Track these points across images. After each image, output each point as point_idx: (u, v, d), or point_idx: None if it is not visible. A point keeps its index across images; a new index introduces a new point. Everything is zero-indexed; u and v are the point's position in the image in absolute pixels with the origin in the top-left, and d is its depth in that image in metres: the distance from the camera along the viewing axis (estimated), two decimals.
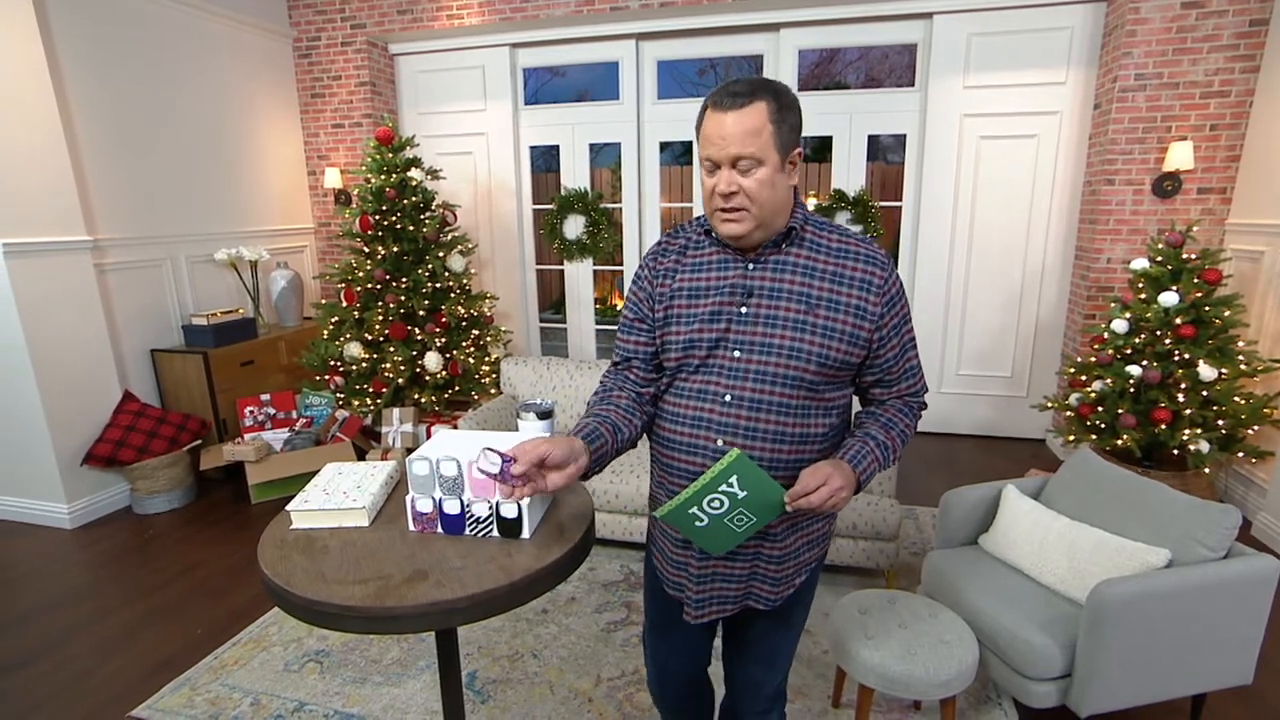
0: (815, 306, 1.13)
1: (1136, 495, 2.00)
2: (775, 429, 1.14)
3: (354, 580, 1.09)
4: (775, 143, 1.07)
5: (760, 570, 1.25)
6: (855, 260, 1.15)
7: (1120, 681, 1.74)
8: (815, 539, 1.28)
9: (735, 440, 1.15)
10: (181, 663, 2.31)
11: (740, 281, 1.16)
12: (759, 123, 1.05)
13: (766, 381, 1.13)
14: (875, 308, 1.14)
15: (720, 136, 1.07)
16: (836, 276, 1.14)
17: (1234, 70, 3.30)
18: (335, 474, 1.41)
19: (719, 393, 1.16)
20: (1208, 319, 2.94)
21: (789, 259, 1.16)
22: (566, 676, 2.22)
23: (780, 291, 1.14)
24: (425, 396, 3.85)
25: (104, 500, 3.43)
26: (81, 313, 3.32)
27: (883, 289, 1.14)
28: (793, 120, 1.09)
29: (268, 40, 4.56)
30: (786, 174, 1.11)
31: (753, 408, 1.14)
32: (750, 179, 1.08)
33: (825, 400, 1.16)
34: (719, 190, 1.10)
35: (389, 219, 3.78)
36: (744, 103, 1.05)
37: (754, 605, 1.28)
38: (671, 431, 1.22)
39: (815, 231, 1.18)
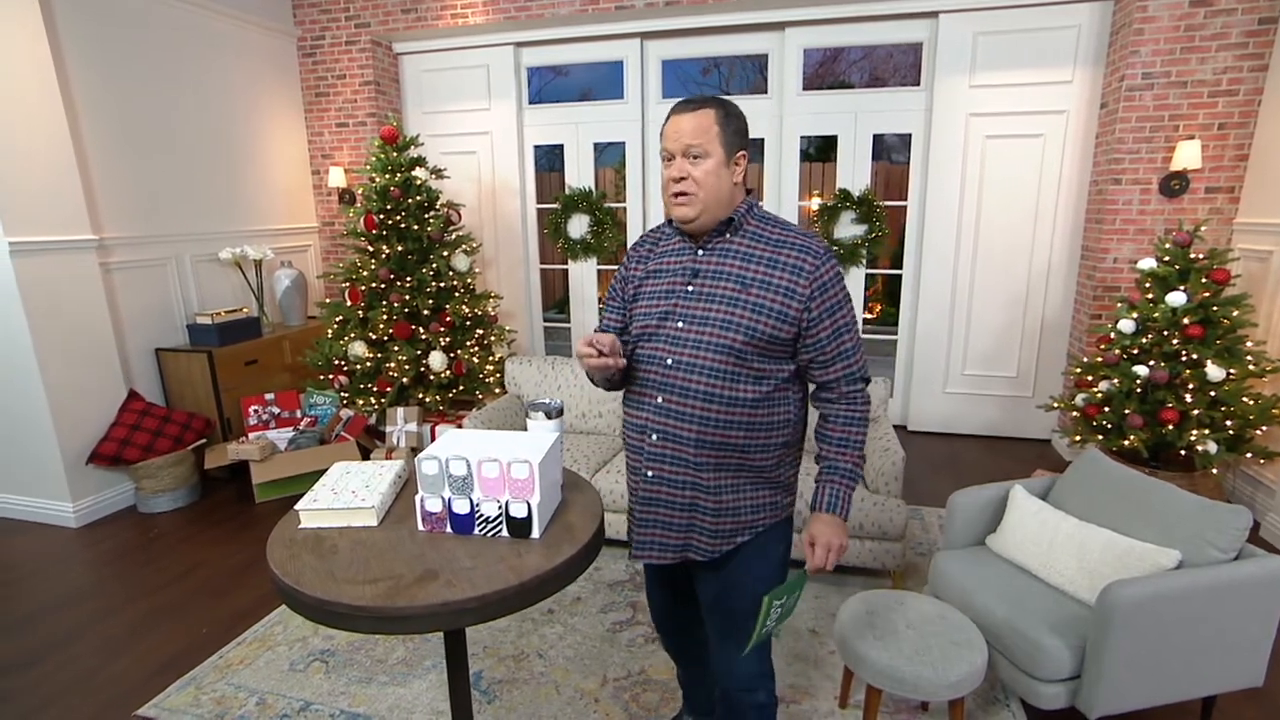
0: (749, 286, 1.31)
1: (1145, 496, 1.99)
2: (705, 389, 1.32)
3: (364, 580, 1.08)
4: (720, 141, 1.30)
5: (698, 522, 1.40)
6: (790, 249, 1.33)
7: (1130, 683, 1.73)
8: (761, 504, 1.42)
9: (672, 397, 1.35)
10: (187, 662, 2.31)
11: (690, 265, 1.38)
12: (707, 123, 1.29)
13: (701, 348, 1.32)
14: (804, 290, 1.30)
15: (676, 131, 1.31)
16: (771, 262, 1.32)
17: (1243, 69, 3.29)
18: (343, 473, 1.40)
19: (662, 357, 1.36)
20: (1216, 319, 2.92)
21: (732, 246, 1.36)
22: (572, 677, 2.21)
23: (721, 273, 1.34)
24: (429, 396, 3.85)
25: (109, 499, 3.43)
26: (87, 312, 3.32)
27: (813, 274, 1.31)
28: (736, 126, 1.33)
29: (272, 39, 4.56)
30: (730, 171, 1.33)
31: (688, 370, 1.33)
32: (698, 168, 1.29)
33: (754, 369, 1.32)
34: (672, 175, 1.32)
35: (393, 218, 3.78)
36: (697, 107, 1.30)
37: (693, 556, 1.43)
38: (629, 392, 1.45)
39: (758, 225, 1.38)
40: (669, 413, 1.35)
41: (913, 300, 4.36)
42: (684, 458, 1.36)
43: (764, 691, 1.52)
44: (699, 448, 1.34)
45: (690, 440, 1.34)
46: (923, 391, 4.40)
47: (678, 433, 1.35)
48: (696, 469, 1.36)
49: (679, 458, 1.36)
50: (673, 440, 1.35)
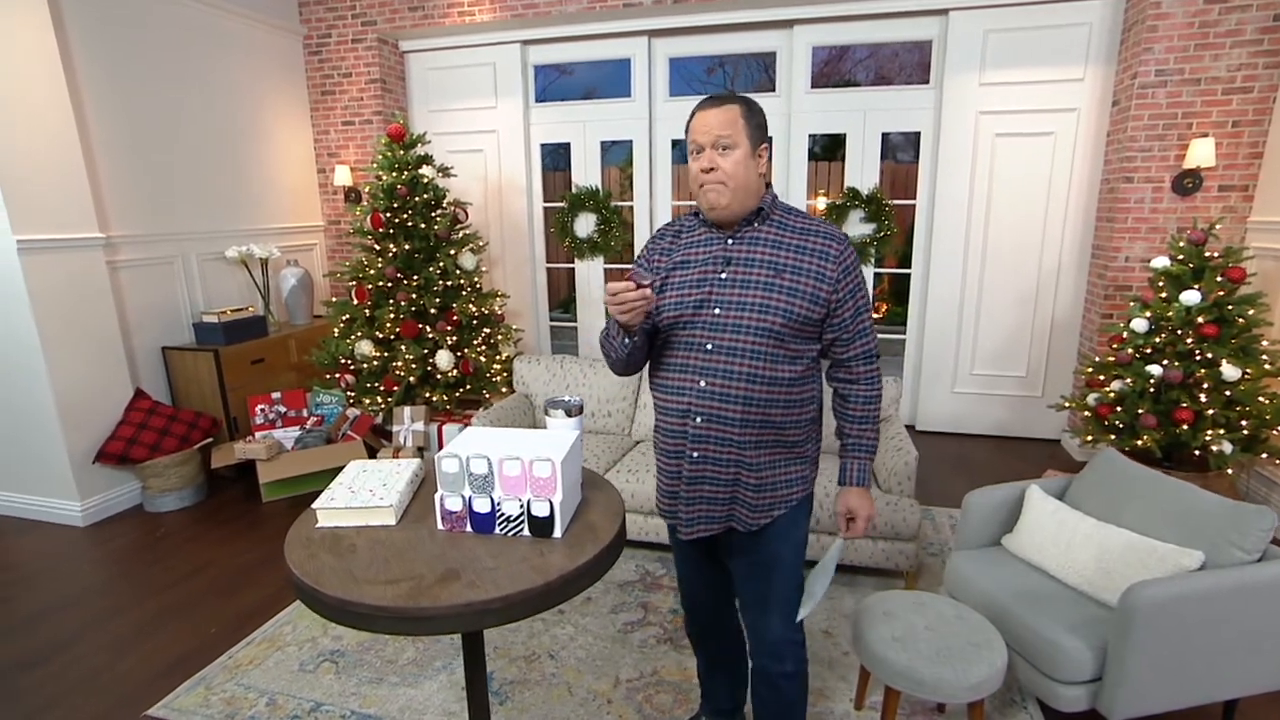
0: (782, 271, 1.39)
1: (1165, 496, 1.97)
2: (748, 371, 1.39)
3: (385, 580, 1.06)
4: (746, 133, 1.37)
5: (740, 495, 1.48)
6: (815, 236, 1.42)
7: (1152, 685, 1.70)
8: (794, 478, 1.51)
9: (715, 380, 1.40)
10: (196, 662, 2.29)
11: (721, 253, 1.44)
12: (734, 116, 1.37)
13: (741, 332, 1.38)
14: (832, 273, 1.40)
15: (705, 125, 1.37)
16: (800, 248, 1.41)
17: (1257, 66, 3.26)
18: (360, 471, 1.39)
19: (702, 342, 1.41)
20: (1230, 318, 2.90)
21: (761, 235, 1.43)
22: (585, 678, 2.19)
23: (753, 260, 1.41)
24: (436, 395, 3.83)
25: (116, 498, 3.42)
26: (94, 310, 3.31)
27: (838, 258, 1.40)
28: (759, 121, 1.40)
29: (278, 37, 4.55)
30: (756, 162, 1.39)
31: (729, 353, 1.39)
32: (727, 159, 1.36)
33: (791, 350, 1.40)
34: (702, 166, 1.38)
35: (400, 216, 3.76)
36: (722, 103, 1.38)
37: (736, 526, 1.51)
38: (665, 378, 1.49)
39: (782, 215, 1.46)
40: (713, 395, 1.40)
41: (921, 299, 4.34)
42: (728, 438, 1.42)
43: (792, 660, 1.58)
44: (744, 427, 1.41)
45: (735, 420, 1.40)
46: (931, 391, 4.37)
47: (722, 414, 1.41)
48: (740, 448, 1.43)
49: (723, 438, 1.42)
50: (717, 421, 1.41)
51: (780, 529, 1.52)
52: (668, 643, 2.36)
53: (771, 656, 1.57)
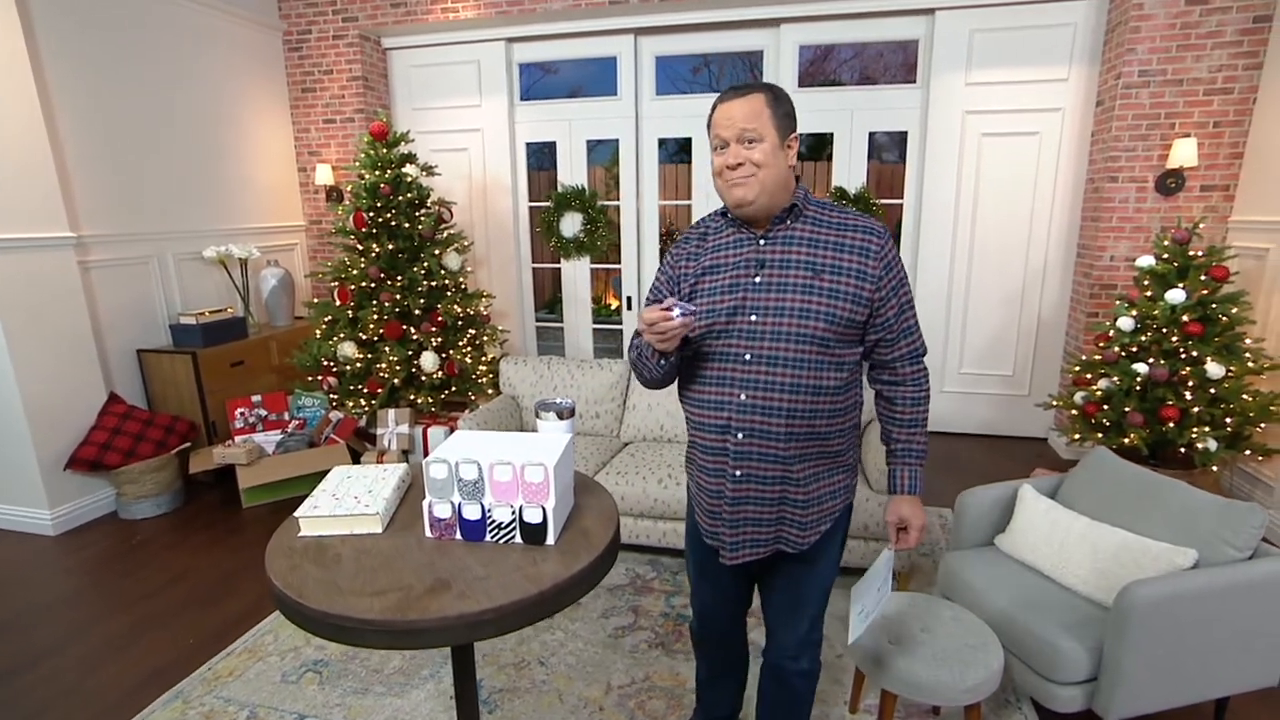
0: (821, 272, 1.29)
1: (1157, 494, 1.97)
2: (791, 381, 1.29)
3: (372, 591, 1.02)
4: (773, 124, 1.28)
5: (788, 515, 1.39)
6: (854, 231, 1.32)
7: (1147, 685, 1.70)
8: (838, 489, 1.43)
9: (756, 393, 1.31)
10: (173, 674, 2.22)
11: (754, 256, 1.34)
12: (759, 107, 1.28)
13: (781, 339, 1.29)
14: (874, 270, 1.30)
15: (728, 119, 1.29)
16: (838, 245, 1.31)
17: (1237, 67, 3.30)
18: (344, 478, 1.34)
19: (739, 353, 1.32)
20: (1214, 316, 2.92)
21: (795, 234, 1.33)
22: (575, 685, 2.15)
23: (789, 261, 1.31)
24: (421, 397, 3.77)
25: (89, 505, 3.32)
26: (64, 312, 3.21)
27: (880, 254, 1.31)
28: (786, 109, 1.31)
29: (256, 33, 4.45)
30: (784, 154, 1.30)
31: (770, 363, 1.30)
32: (754, 151, 1.28)
33: (835, 355, 1.31)
34: (728, 162, 1.29)
35: (383, 216, 3.69)
36: (746, 93, 1.29)
37: (784, 548, 1.42)
38: (700, 392, 1.38)
39: (817, 210, 1.36)
40: (754, 409, 1.32)
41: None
42: (772, 453, 1.33)
43: (807, 659, 1.54)
44: (789, 441, 1.33)
45: (779, 435, 1.32)
46: None
47: (765, 428, 1.32)
48: (786, 463, 1.35)
49: (766, 453, 1.34)
50: (760, 436, 1.33)
51: (820, 544, 1.45)
52: (659, 647, 2.32)
53: (790, 656, 1.54)
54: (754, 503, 1.37)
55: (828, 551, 1.47)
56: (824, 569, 1.48)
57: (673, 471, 2.79)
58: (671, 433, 3.18)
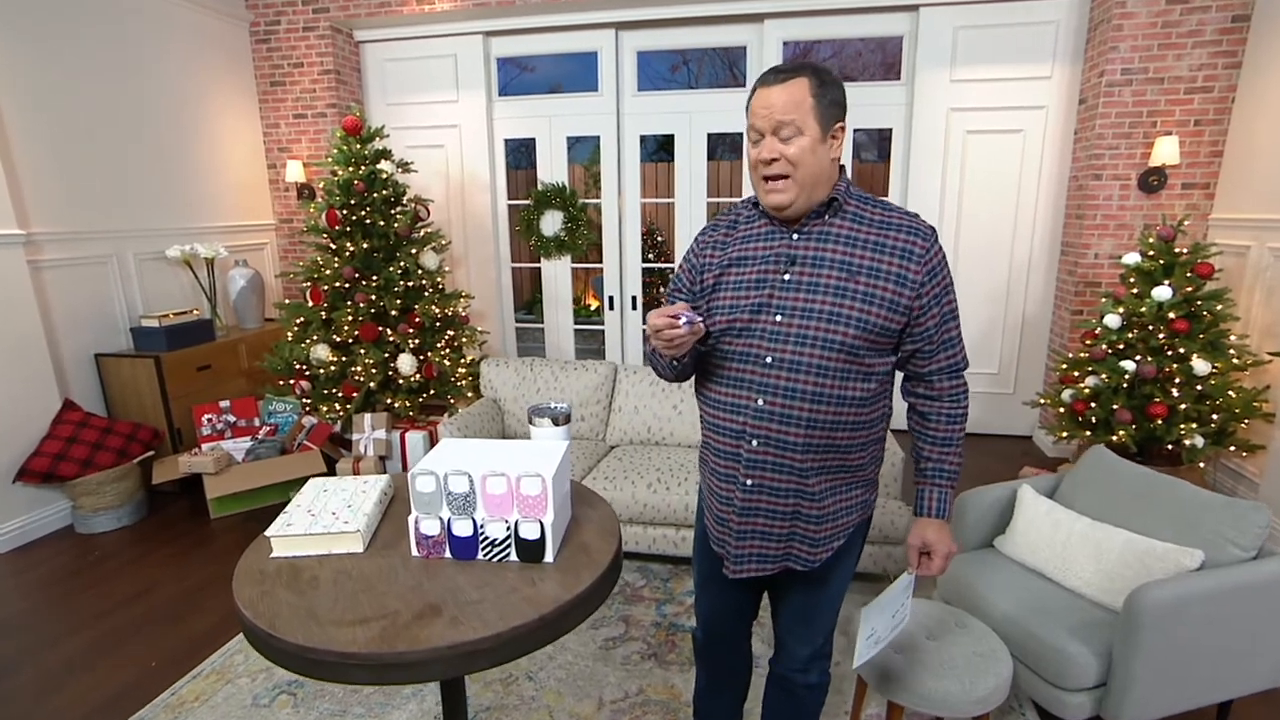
0: (856, 274, 1.19)
1: (1157, 493, 1.94)
2: (814, 389, 1.20)
3: (354, 620, 0.92)
4: (815, 114, 1.15)
5: (800, 530, 1.30)
6: (898, 231, 1.21)
7: (1157, 689, 1.66)
8: (854, 504, 1.34)
9: (774, 399, 1.21)
10: (134, 699, 2.08)
11: (785, 251, 1.24)
12: (800, 95, 1.14)
13: (806, 344, 1.19)
14: (916, 275, 1.19)
15: (765, 107, 1.16)
16: (879, 246, 1.20)
17: (1217, 66, 3.32)
18: (320, 491, 1.23)
19: (760, 354, 1.22)
20: (1199, 313, 2.93)
21: (832, 229, 1.22)
22: (566, 700, 2.06)
23: (823, 260, 1.21)
24: (398, 401, 3.63)
25: (41, 519, 3.13)
26: (13, 314, 3.02)
27: (924, 258, 1.19)
28: (833, 95, 1.18)
29: (222, 23, 4.27)
30: (828, 146, 1.19)
31: (792, 369, 1.20)
32: (791, 146, 1.16)
33: (864, 365, 1.20)
34: (761, 157, 1.18)
35: (358, 213, 3.56)
36: (787, 78, 1.15)
37: (793, 566, 1.33)
38: (716, 392, 1.30)
39: (859, 205, 1.24)
40: (771, 416, 1.22)
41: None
42: (788, 464, 1.24)
43: (817, 672, 1.49)
44: (806, 452, 1.23)
45: (797, 445, 1.23)
46: None
47: (782, 437, 1.23)
48: (802, 475, 1.25)
49: (781, 464, 1.24)
50: (775, 445, 1.23)
51: (833, 561, 1.37)
52: (652, 659, 2.24)
53: (798, 669, 1.48)
54: (765, 514, 1.29)
55: (842, 566, 1.39)
56: (837, 584, 1.41)
57: (662, 476, 2.71)
58: (659, 435, 3.10)
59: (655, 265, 5.86)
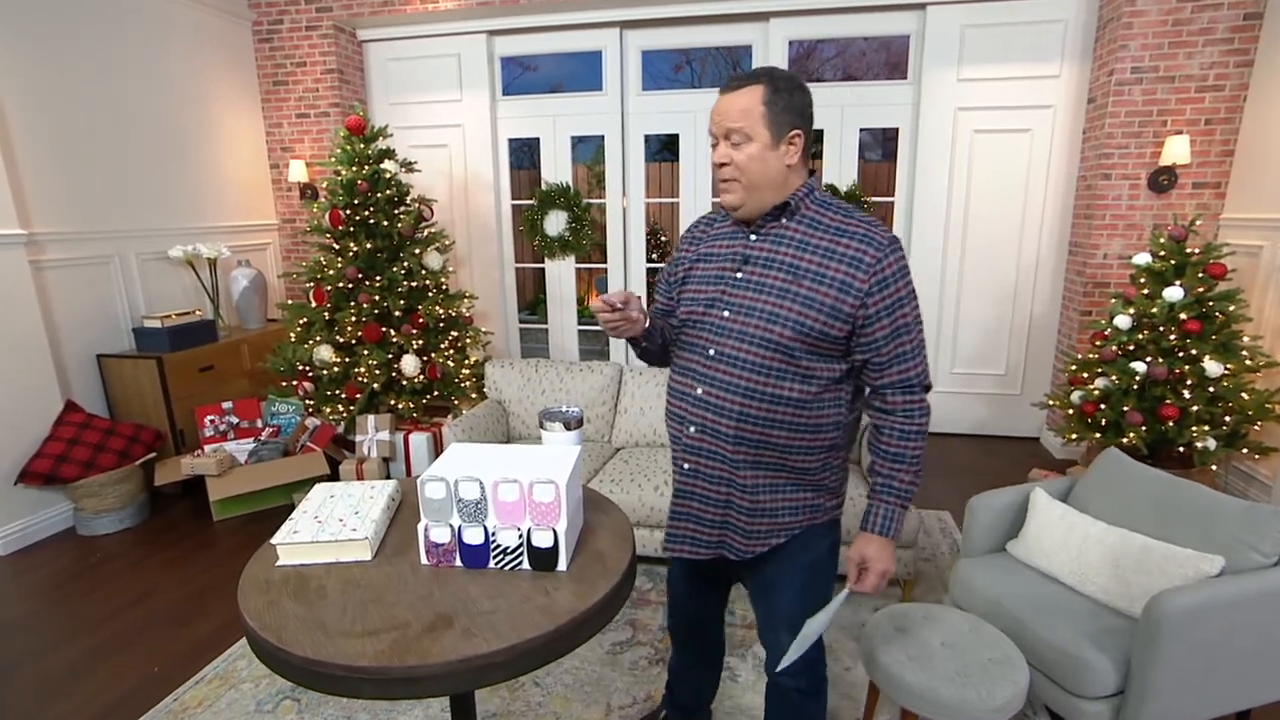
0: (801, 277, 1.22)
1: (1176, 497, 1.91)
2: (747, 384, 1.24)
3: (363, 632, 0.89)
4: (766, 122, 1.19)
5: (733, 520, 1.35)
6: (850, 239, 1.23)
7: (1176, 698, 1.63)
8: (798, 506, 1.35)
9: (712, 390, 1.27)
10: (136, 705, 2.05)
11: (741, 250, 1.30)
12: (751, 103, 1.19)
13: (745, 341, 1.24)
14: (863, 284, 1.20)
15: (719, 113, 1.22)
16: (828, 252, 1.23)
17: (1228, 64, 3.29)
18: (327, 497, 1.20)
19: (705, 347, 1.29)
20: (1211, 314, 2.90)
21: (787, 233, 1.27)
22: (573, 706, 2.03)
23: (773, 261, 1.26)
24: (402, 402, 3.61)
25: (43, 522, 3.11)
26: (15, 314, 3.00)
27: (873, 268, 1.20)
28: (789, 103, 1.20)
29: (224, 22, 4.25)
30: (781, 153, 1.22)
31: (730, 363, 1.25)
32: (740, 152, 1.21)
33: (801, 367, 1.23)
34: (714, 161, 1.26)
35: (361, 213, 3.53)
36: (741, 85, 1.20)
37: (727, 555, 1.38)
38: (670, 380, 1.39)
39: (817, 210, 1.27)
40: (708, 406, 1.28)
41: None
42: (721, 453, 1.29)
43: (806, 677, 1.47)
44: (737, 445, 1.28)
45: (728, 436, 1.27)
46: None
47: (715, 427, 1.28)
48: (733, 466, 1.30)
49: (715, 453, 1.30)
50: (710, 434, 1.29)
51: (787, 552, 1.38)
52: (660, 663, 2.21)
53: (787, 673, 1.46)
54: (699, 499, 1.35)
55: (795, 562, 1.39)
56: (792, 582, 1.40)
57: (668, 478, 2.68)
58: (664, 437, 3.07)
59: (659, 265, 5.83)
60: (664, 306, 1.47)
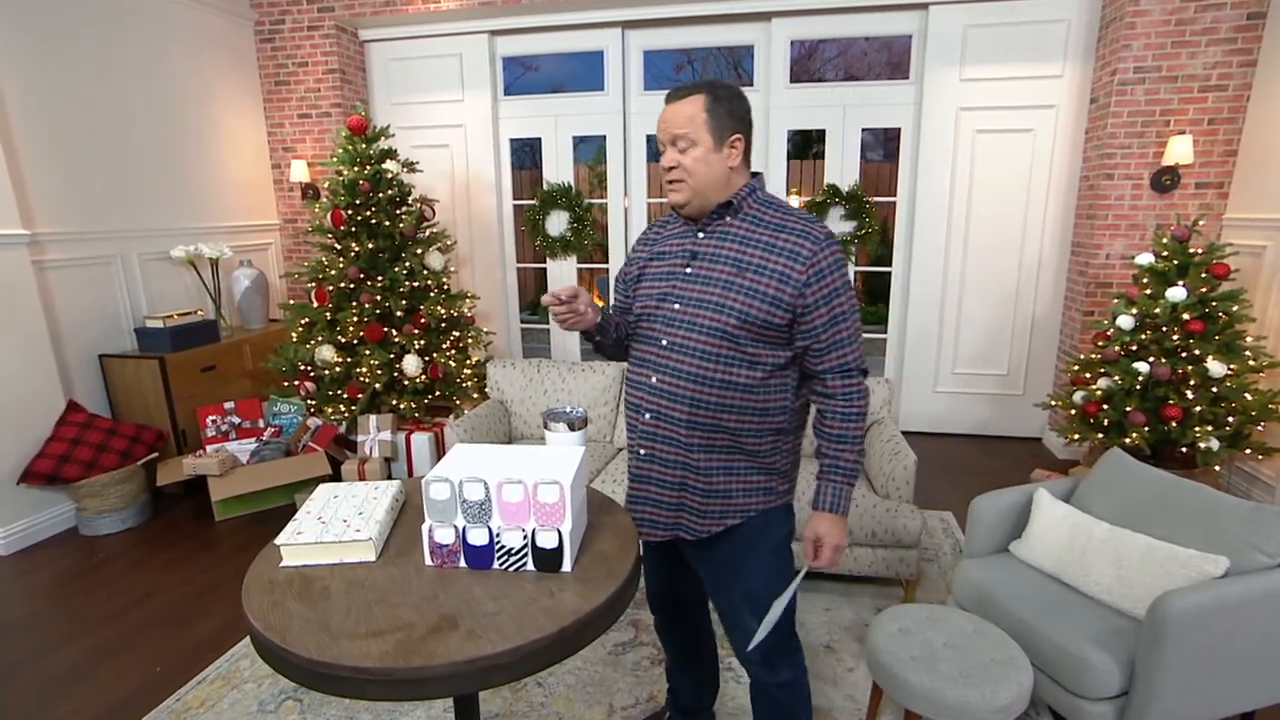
0: (744, 270, 1.31)
1: (1177, 498, 1.91)
2: (697, 371, 1.33)
3: (367, 633, 0.89)
4: (708, 128, 1.30)
5: (687, 501, 1.42)
6: (789, 234, 1.32)
7: (1180, 700, 1.63)
8: (752, 488, 1.42)
9: (665, 378, 1.36)
10: (139, 706, 2.05)
11: (690, 247, 1.39)
12: (693, 111, 1.29)
13: (695, 330, 1.33)
14: (800, 275, 1.29)
15: (665, 121, 1.33)
16: (769, 246, 1.32)
17: (1232, 64, 3.28)
18: (330, 498, 1.20)
19: (658, 337, 1.38)
20: (1214, 314, 2.89)
21: (731, 229, 1.36)
22: (576, 707, 2.03)
23: (719, 256, 1.35)
24: (404, 402, 3.61)
25: (45, 522, 3.11)
26: (17, 314, 3.00)
27: (809, 260, 1.29)
28: (728, 109, 1.31)
29: (226, 22, 4.25)
30: (723, 155, 1.32)
31: (681, 351, 1.34)
32: (687, 156, 1.31)
33: (747, 354, 1.32)
34: (663, 165, 1.35)
35: (363, 213, 3.53)
36: (683, 95, 1.31)
37: (684, 535, 1.45)
38: (629, 371, 1.47)
39: (759, 209, 1.37)
40: (662, 393, 1.37)
41: (902, 298, 4.29)
42: (675, 438, 1.38)
43: (787, 668, 1.52)
44: (690, 429, 1.36)
45: (681, 421, 1.36)
46: (913, 391, 4.32)
47: (669, 413, 1.37)
48: (687, 449, 1.38)
49: (670, 437, 1.38)
50: (665, 420, 1.38)
51: (741, 536, 1.44)
52: (662, 664, 2.21)
53: (761, 666, 1.51)
54: (655, 483, 1.43)
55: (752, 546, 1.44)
56: (750, 566, 1.45)
57: None
58: None
59: None
60: (621, 305, 1.56)
